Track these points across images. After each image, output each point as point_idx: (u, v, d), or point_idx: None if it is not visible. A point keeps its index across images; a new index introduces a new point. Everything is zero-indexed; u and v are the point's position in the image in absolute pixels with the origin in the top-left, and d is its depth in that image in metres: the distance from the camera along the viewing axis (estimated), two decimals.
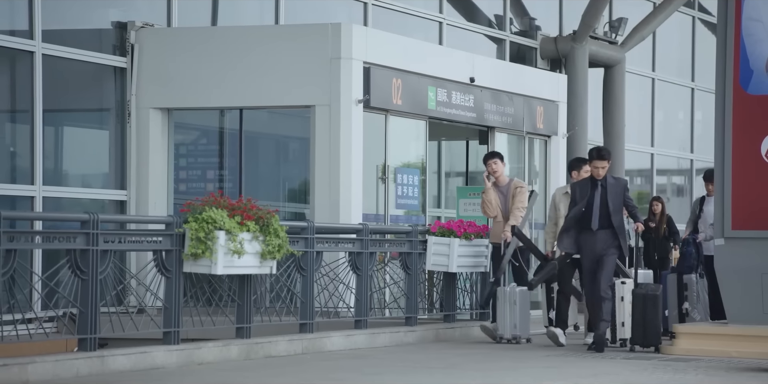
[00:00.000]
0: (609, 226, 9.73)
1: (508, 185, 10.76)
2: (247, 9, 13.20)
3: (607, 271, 9.68)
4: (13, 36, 10.76)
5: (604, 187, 9.80)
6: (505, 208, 10.67)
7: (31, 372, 7.23)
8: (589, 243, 9.74)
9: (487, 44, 16.21)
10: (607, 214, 9.75)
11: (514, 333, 10.18)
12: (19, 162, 10.98)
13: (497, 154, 10.82)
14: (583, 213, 9.75)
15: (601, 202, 9.76)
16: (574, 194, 9.90)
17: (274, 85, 11.63)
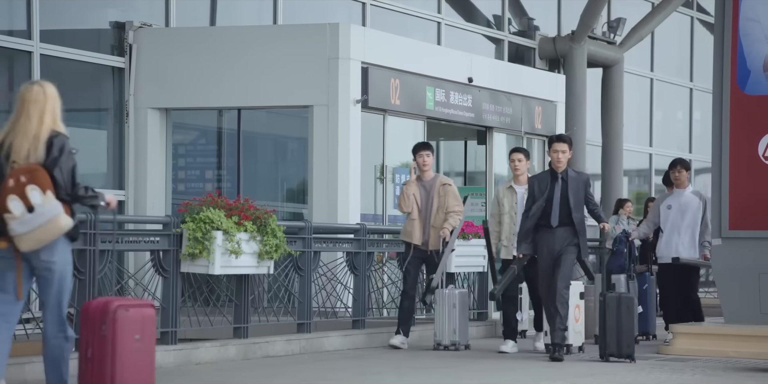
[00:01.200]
0: (569, 224, 8.88)
1: (432, 181, 9.66)
2: (246, 9, 13.21)
3: (564, 270, 8.82)
4: (11, 36, 10.77)
5: (565, 181, 8.92)
6: (425, 206, 9.62)
7: (28, 371, 7.23)
8: (547, 241, 8.88)
9: (486, 44, 16.22)
10: (568, 211, 8.87)
11: (453, 339, 9.46)
12: None
13: (430, 146, 9.80)
14: (543, 209, 8.90)
15: (562, 196, 8.88)
16: (532, 189, 8.99)
17: (273, 85, 11.63)
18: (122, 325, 5.75)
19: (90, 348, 5.72)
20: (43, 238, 5.59)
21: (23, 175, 5.54)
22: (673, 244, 10.08)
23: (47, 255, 5.60)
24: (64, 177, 5.64)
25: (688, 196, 10.19)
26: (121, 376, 5.69)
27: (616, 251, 10.31)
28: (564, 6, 17.43)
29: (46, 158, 5.61)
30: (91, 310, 5.83)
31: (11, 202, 5.53)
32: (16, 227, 5.54)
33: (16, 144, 5.62)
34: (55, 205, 5.58)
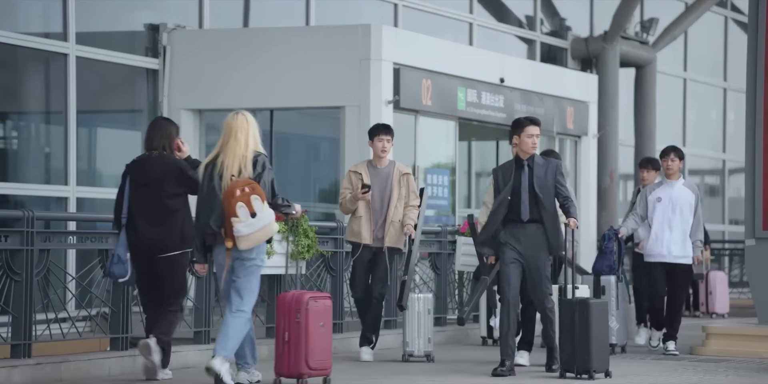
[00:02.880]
0: (538, 219, 7.67)
1: (389, 169, 8.42)
2: (278, 10, 13.26)
3: (544, 277, 7.68)
4: (48, 38, 10.87)
5: (531, 169, 7.72)
6: (380, 198, 8.34)
7: (64, 370, 7.31)
8: (513, 236, 7.67)
9: (518, 45, 16.19)
10: (536, 203, 7.67)
11: (427, 349, 8.45)
12: (53, 163, 11.09)
13: (391, 131, 8.50)
14: (510, 202, 7.70)
15: (530, 186, 7.70)
16: (497, 181, 7.79)
17: (305, 86, 11.67)
18: (312, 314, 6.87)
19: (287, 332, 6.84)
20: (261, 238, 6.72)
21: (246, 186, 6.66)
22: (664, 241, 9.11)
23: (248, 252, 6.74)
24: (267, 189, 6.78)
25: (680, 188, 9.23)
26: (312, 355, 6.85)
27: (604, 250, 9.12)
28: (596, 6, 17.37)
29: (253, 173, 6.75)
30: (286, 301, 6.92)
31: (239, 208, 6.61)
32: (241, 229, 6.62)
33: (228, 162, 6.76)
34: (270, 212, 6.71)
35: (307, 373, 6.88)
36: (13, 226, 7.27)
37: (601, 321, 7.50)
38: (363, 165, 8.51)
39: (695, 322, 10.89)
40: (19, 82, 11.05)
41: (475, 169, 14.63)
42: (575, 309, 7.47)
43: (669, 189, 9.23)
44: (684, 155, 9.44)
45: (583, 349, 7.40)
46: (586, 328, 7.42)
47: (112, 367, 7.60)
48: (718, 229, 19.48)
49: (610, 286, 9.15)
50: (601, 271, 9.13)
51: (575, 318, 7.43)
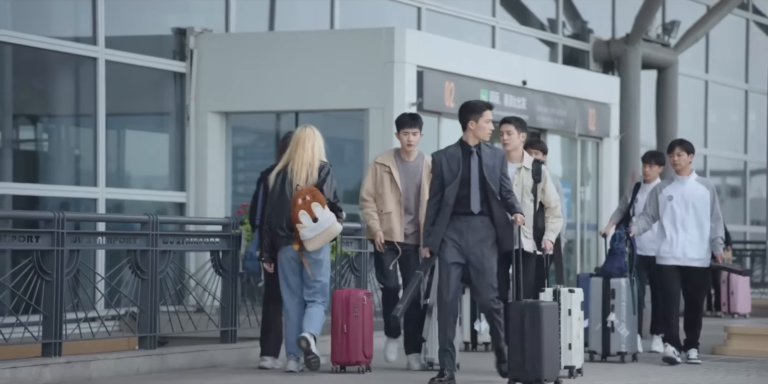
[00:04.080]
0: (485, 212, 6.98)
1: (418, 162, 7.76)
2: (303, 14, 13.29)
3: (488, 277, 6.94)
4: (78, 42, 10.94)
5: (480, 157, 7.01)
6: (408, 194, 7.66)
7: (93, 369, 7.35)
8: (456, 231, 6.94)
9: (540, 47, 16.17)
10: (485, 193, 6.97)
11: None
12: (82, 165, 11.16)
13: (420, 122, 7.78)
14: (458, 192, 6.96)
15: (480, 176, 6.98)
16: (439, 168, 7.01)
17: (329, 88, 11.70)
18: (368, 308, 7.67)
19: (345, 325, 7.59)
20: (325, 240, 7.45)
21: (307, 194, 7.39)
22: (679, 242, 8.35)
23: (316, 252, 7.49)
24: (329, 194, 7.46)
25: (692, 184, 8.41)
26: (368, 345, 7.67)
27: (615, 251, 8.49)
28: (618, 9, 17.32)
29: (318, 179, 7.44)
30: (343, 297, 7.68)
31: (302, 216, 7.37)
32: (306, 234, 7.38)
33: (296, 170, 7.48)
34: (331, 215, 7.40)
35: (364, 362, 7.64)
36: (44, 227, 7.33)
37: (553, 326, 6.83)
38: (390, 156, 7.78)
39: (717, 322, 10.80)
40: (50, 86, 11.13)
41: None
42: (525, 313, 6.77)
43: (680, 186, 8.43)
44: (693, 149, 8.58)
45: (534, 357, 6.71)
46: (537, 334, 6.72)
47: (140, 365, 7.65)
48: (739, 230, 19.38)
49: (621, 290, 8.47)
50: (611, 274, 8.50)
51: (525, 323, 6.75)
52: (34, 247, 7.19)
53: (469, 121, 7.12)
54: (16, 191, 10.34)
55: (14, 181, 10.34)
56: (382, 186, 7.75)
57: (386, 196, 7.74)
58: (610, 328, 8.44)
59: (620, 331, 8.44)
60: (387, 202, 7.76)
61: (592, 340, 8.50)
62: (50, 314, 7.25)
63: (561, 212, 7.81)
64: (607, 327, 8.45)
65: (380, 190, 7.75)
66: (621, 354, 8.52)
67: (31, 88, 10.90)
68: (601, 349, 8.53)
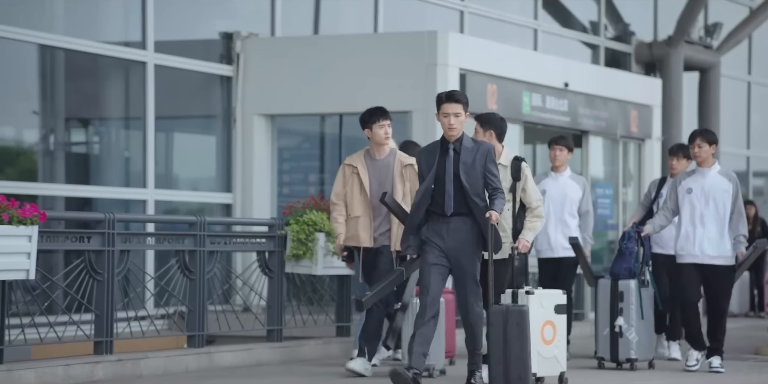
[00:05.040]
0: (467, 213, 6.51)
1: (388, 159, 7.27)
2: (347, 18, 13.34)
3: (470, 279, 6.55)
4: (127, 47, 11.07)
5: (458, 153, 6.51)
6: (379, 193, 7.11)
7: (143, 367, 7.44)
8: (436, 233, 6.53)
9: (582, 50, 16.11)
10: (462, 193, 6.47)
11: (426, 363, 7.10)
12: (132, 167, 11.28)
13: (389, 115, 7.38)
14: (433, 191, 6.53)
15: (455, 174, 6.50)
16: (420, 166, 6.64)
17: (373, 91, 11.73)
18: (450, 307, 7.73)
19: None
20: None
21: None
22: (696, 238, 7.83)
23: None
24: None
25: (713, 177, 7.88)
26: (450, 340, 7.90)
27: (623, 250, 7.91)
28: (660, 11, 17.20)
29: None
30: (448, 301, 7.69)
31: None
32: None
33: None
34: None
35: (453, 355, 7.99)
36: (96, 228, 7.43)
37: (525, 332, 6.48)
38: (359, 156, 7.32)
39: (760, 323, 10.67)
40: (101, 90, 11.26)
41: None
42: (508, 319, 6.44)
43: (701, 178, 7.89)
44: (716, 139, 8.00)
45: (519, 366, 6.39)
46: (522, 340, 6.39)
47: (189, 363, 7.73)
48: None
49: (630, 292, 7.89)
50: (619, 275, 7.94)
51: (508, 329, 6.40)
52: (86, 247, 7.29)
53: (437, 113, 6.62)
54: (68, 193, 10.48)
55: (66, 182, 10.48)
56: (351, 188, 7.28)
57: (354, 200, 7.27)
58: (618, 333, 7.89)
59: (629, 336, 7.89)
60: (355, 206, 7.31)
61: (600, 345, 8.00)
62: (102, 313, 7.34)
63: (542, 213, 7.20)
64: (614, 331, 7.90)
65: (349, 193, 7.27)
66: (630, 361, 7.91)
67: (82, 92, 11.03)
68: (610, 355, 7.97)
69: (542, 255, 8.85)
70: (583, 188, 8.84)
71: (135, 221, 9.54)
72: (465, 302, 6.62)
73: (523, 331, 6.39)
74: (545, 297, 6.88)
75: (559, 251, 8.81)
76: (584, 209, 8.88)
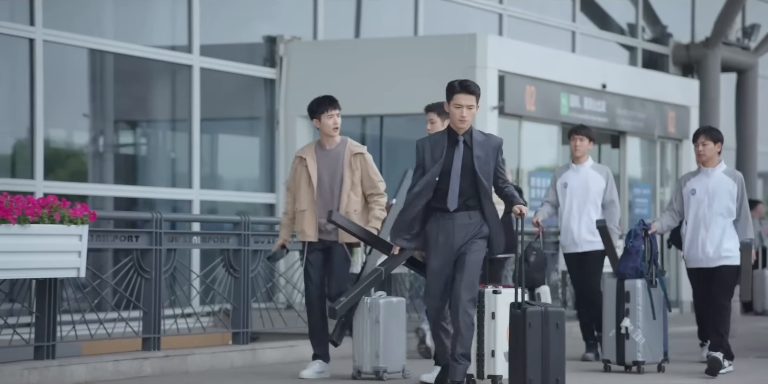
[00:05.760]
0: (474, 207, 6.05)
1: (339, 148, 6.76)
2: (388, 21, 13.36)
3: (468, 276, 5.99)
4: (174, 51, 11.16)
5: (468, 146, 6.05)
6: (329, 186, 6.70)
7: (190, 363, 7.50)
8: (444, 232, 6.02)
9: (620, 51, 16.01)
10: (474, 189, 6.02)
11: (375, 365, 6.77)
12: (178, 167, 11.37)
13: (338, 104, 6.86)
14: (437, 184, 6.03)
15: (464, 167, 6.02)
16: (422, 155, 6.11)
17: (413, 93, 11.74)
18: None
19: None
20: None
21: None
22: (699, 241, 7.38)
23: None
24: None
25: (718, 177, 7.39)
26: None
27: (630, 249, 7.43)
28: (698, 13, 17.06)
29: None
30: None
31: None
32: None
33: None
34: None
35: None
36: (143, 227, 7.50)
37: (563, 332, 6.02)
38: (309, 147, 6.82)
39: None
40: (148, 93, 11.36)
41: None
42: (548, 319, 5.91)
43: (705, 178, 7.41)
44: (720, 137, 7.46)
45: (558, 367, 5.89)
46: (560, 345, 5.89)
47: (234, 359, 7.78)
48: None
49: (636, 292, 7.39)
50: (625, 274, 7.45)
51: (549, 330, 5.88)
52: (134, 246, 7.36)
53: (445, 102, 6.15)
54: (117, 193, 10.58)
55: (115, 183, 10.58)
56: (299, 181, 6.76)
57: (301, 193, 6.74)
58: (624, 335, 7.40)
59: (635, 338, 7.41)
60: (302, 200, 6.77)
61: (606, 348, 7.50)
62: (149, 310, 7.41)
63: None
64: (621, 333, 7.42)
65: (297, 186, 6.77)
66: (637, 364, 7.42)
67: (130, 94, 11.14)
68: (616, 357, 7.48)
69: (567, 250, 8.29)
70: (606, 178, 8.21)
71: (181, 221, 9.61)
72: (458, 304, 5.98)
73: (562, 332, 6.00)
74: (512, 297, 6.33)
75: (584, 245, 8.21)
76: (608, 199, 8.22)
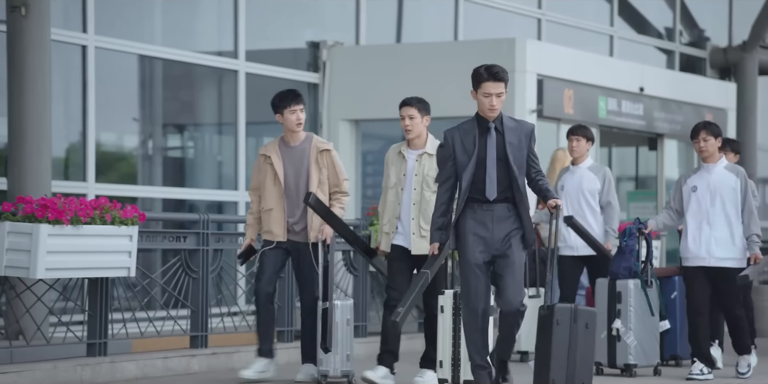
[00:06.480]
0: (509, 198, 5.57)
1: (304, 145, 6.39)
2: (428, 26, 13.36)
3: (518, 276, 5.55)
4: (220, 56, 11.24)
5: (500, 133, 5.61)
6: (294, 183, 6.35)
7: (236, 360, 7.55)
8: (479, 224, 5.53)
9: (657, 55, 15.90)
10: (508, 177, 5.56)
11: (345, 369, 6.50)
12: (224, 170, 11.45)
13: (303, 99, 6.54)
14: (473, 175, 5.55)
15: (498, 155, 5.57)
16: (451, 147, 5.66)
17: (453, 96, 11.73)
18: None
19: None
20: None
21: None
22: (703, 239, 6.96)
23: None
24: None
25: (720, 173, 7.02)
26: None
27: (623, 248, 7.07)
28: (735, 17, 16.90)
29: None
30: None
31: None
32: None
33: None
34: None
35: None
36: (191, 228, 7.56)
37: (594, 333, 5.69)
38: (273, 144, 6.45)
39: None
40: (195, 97, 11.45)
41: (615, 174, 14.42)
42: (576, 318, 5.50)
43: (706, 175, 7.03)
44: (720, 132, 7.13)
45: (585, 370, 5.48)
46: (590, 342, 5.52)
47: (279, 357, 7.82)
48: None
49: (628, 293, 7.04)
50: (618, 274, 7.10)
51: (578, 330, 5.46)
52: (182, 246, 7.43)
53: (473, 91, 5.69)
54: (165, 195, 10.67)
55: (163, 185, 10.67)
56: (265, 179, 6.38)
57: (267, 191, 6.37)
58: (615, 337, 7.06)
59: (627, 340, 7.05)
60: (268, 198, 6.39)
61: (597, 350, 6.89)
62: (197, 309, 7.47)
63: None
64: (612, 335, 7.07)
65: (262, 184, 6.38)
66: (628, 367, 7.06)
67: (178, 99, 11.23)
68: (607, 360, 7.14)
69: (561, 252, 7.66)
70: (603, 178, 7.73)
71: (227, 222, 9.69)
72: (511, 303, 5.52)
73: (592, 334, 5.59)
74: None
75: (581, 250, 7.69)
76: (605, 200, 7.67)
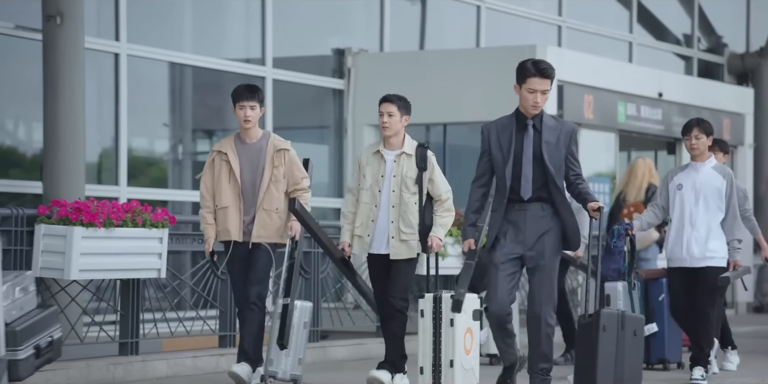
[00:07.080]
0: (546, 198, 5.28)
1: (261, 143, 6.07)
2: (451, 34, 13.40)
3: (549, 280, 5.23)
4: (248, 63, 11.31)
5: (538, 131, 5.34)
6: (251, 181, 5.99)
7: None
8: (512, 224, 5.26)
9: (675, 61, 15.86)
10: (544, 177, 5.27)
11: (294, 373, 6.08)
12: None
13: (257, 94, 6.08)
14: (511, 174, 5.30)
15: (535, 154, 5.30)
16: (488, 140, 5.44)
17: (475, 102, 11.77)
18: None
19: None
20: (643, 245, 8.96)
21: (631, 206, 9.03)
22: (684, 240, 6.61)
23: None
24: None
25: (707, 172, 6.70)
26: None
27: (612, 249, 6.72)
28: (753, 24, 16.83)
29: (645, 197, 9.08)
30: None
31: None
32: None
33: (628, 191, 9.28)
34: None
35: None
36: None
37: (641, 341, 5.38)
38: (229, 141, 6.09)
39: None
40: (224, 103, 11.53)
41: None
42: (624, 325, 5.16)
43: (693, 173, 6.72)
44: (713, 130, 6.87)
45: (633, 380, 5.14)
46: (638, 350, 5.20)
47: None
48: None
49: (617, 295, 6.77)
50: (606, 276, 6.79)
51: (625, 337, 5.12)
52: None
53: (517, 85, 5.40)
54: (195, 198, 10.75)
55: (193, 189, 10.75)
56: (219, 176, 5.99)
57: (223, 189, 5.97)
58: None
59: None
60: (223, 196, 5.98)
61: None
62: (225, 309, 7.52)
63: (452, 206, 6.04)
64: None
65: (217, 182, 5.99)
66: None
67: (207, 105, 11.31)
68: None
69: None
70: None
71: None
72: (537, 309, 5.24)
73: (640, 341, 5.29)
74: (467, 301, 5.56)
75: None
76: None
